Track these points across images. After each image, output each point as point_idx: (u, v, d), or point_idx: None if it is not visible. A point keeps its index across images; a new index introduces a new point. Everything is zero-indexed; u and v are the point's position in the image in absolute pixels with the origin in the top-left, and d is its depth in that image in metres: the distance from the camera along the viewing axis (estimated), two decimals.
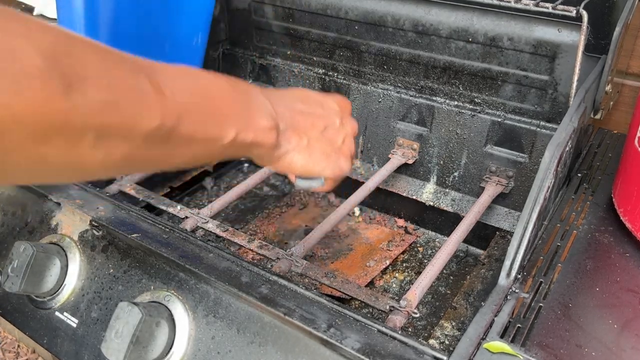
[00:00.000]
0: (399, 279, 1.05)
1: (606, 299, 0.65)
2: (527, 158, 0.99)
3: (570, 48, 0.90)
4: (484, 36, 0.96)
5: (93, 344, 0.70)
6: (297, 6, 1.15)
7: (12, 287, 0.70)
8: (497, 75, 0.98)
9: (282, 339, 0.59)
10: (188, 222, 0.87)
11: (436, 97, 1.07)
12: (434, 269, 0.79)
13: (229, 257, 0.67)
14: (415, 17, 1.02)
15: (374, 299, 0.73)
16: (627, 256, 0.73)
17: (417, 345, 0.55)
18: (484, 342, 0.56)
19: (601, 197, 0.84)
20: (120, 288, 0.70)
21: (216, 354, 0.62)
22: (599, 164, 0.93)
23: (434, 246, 1.14)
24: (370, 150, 1.17)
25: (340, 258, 1.09)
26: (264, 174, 1.06)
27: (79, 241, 0.75)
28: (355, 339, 0.56)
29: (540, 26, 0.91)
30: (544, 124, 0.97)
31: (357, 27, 1.10)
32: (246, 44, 1.29)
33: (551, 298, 0.64)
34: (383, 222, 1.19)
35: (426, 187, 1.12)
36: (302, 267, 0.78)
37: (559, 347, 0.58)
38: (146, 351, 0.62)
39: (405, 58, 1.07)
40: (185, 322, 0.64)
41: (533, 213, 0.67)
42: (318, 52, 1.18)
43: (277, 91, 0.58)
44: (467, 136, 1.04)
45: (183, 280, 0.66)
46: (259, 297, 0.61)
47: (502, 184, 1.01)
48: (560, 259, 0.71)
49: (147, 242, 0.68)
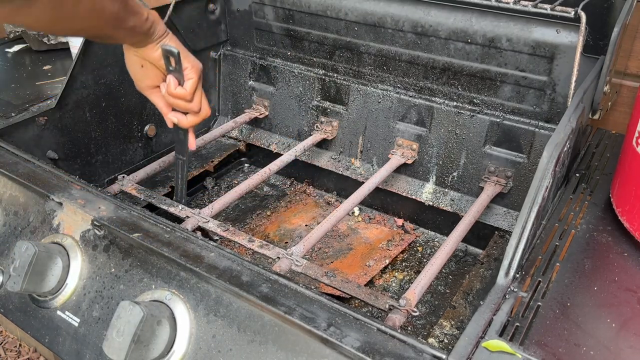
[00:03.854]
0: (398, 278, 1.06)
1: (604, 298, 0.65)
2: (526, 158, 1.00)
3: (569, 49, 0.90)
4: (482, 37, 0.97)
5: (94, 343, 0.70)
6: (297, 7, 1.15)
7: (14, 287, 0.70)
8: (495, 76, 0.99)
9: (283, 337, 0.59)
10: (189, 222, 0.88)
11: (435, 97, 1.07)
12: (433, 268, 0.80)
13: (229, 256, 0.67)
14: (414, 18, 1.02)
15: (374, 298, 0.73)
16: (625, 256, 0.73)
17: (417, 343, 0.56)
18: (482, 341, 0.57)
19: (599, 197, 0.84)
20: (121, 287, 0.70)
21: (217, 352, 0.62)
22: (598, 164, 0.93)
23: (433, 245, 1.14)
24: (369, 151, 1.18)
25: (340, 257, 1.09)
26: (264, 174, 1.06)
27: (81, 241, 0.75)
28: (355, 337, 0.56)
29: (539, 27, 0.92)
30: (542, 125, 0.98)
31: (356, 28, 1.10)
32: (247, 45, 1.29)
33: (549, 297, 0.64)
34: (382, 221, 1.20)
35: (425, 187, 1.12)
36: (302, 266, 0.78)
37: (558, 345, 0.58)
38: (147, 350, 0.62)
39: (405, 59, 1.07)
40: (186, 321, 0.65)
41: (531, 213, 0.67)
42: (318, 53, 1.19)
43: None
44: (466, 136, 1.04)
45: (184, 279, 0.67)
46: (259, 296, 0.61)
47: (500, 184, 1.02)
48: (558, 258, 0.71)
49: (149, 242, 0.69)
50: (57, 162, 1.01)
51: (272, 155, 1.24)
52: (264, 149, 1.30)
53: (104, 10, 0.66)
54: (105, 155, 1.11)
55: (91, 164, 1.09)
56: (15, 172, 0.82)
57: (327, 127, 1.20)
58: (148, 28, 0.76)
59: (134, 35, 0.76)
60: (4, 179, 0.84)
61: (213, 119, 1.37)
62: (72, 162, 1.05)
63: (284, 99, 1.26)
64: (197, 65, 0.82)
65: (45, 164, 0.84)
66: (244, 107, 1.32)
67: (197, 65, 0.82)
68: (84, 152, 1.07)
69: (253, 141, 1.33)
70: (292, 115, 1.26)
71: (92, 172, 1.10)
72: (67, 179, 0.81)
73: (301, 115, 1.25)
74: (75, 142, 1.05)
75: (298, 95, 1.23)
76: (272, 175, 1.09)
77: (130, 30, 0.73)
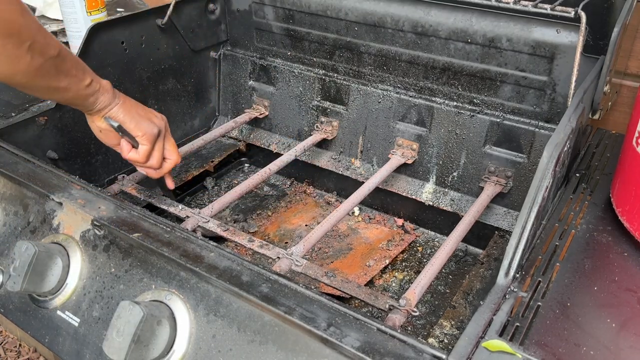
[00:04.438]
0: (398, 278, 1.06)
1: (604, 298, 0.65)
2: (526, 158, 0.99)
3: (569, 49, 0.90)
4: (482, 37, 0.97)
5: (94, 343, 0.70)
6: (297, 7, 1.15)
7: (14, 287, 0.70)
8: (496, 76, 0.99)
9: (283, 337, 0.59)
10: (189, 222, 0.88)
11: (435, 97, 1.07)
12: (433, 268, 0.80)
13: (229, 256, 0.67)
14: (414, 18, 1.02)
15: (374, 298, 0.73)
16: (625, 256, 0.73)
17: (416, 343, 0.56)
18: (482, 341, 0.57)
19: (599, 197, 0.84)
20: (121, 287, 0.70)
21: (217, 352, 0.62)
22: (598, 164, 0.93)
23: (433, 245, 1.14)
24: (369, 151, 1.18)
25: (340, 257, 1.09)
26: (264, 174, 1.06)
27: (81, 241, 0.75)
28: (355, 337, 0.56)
29: (539, 27, 0.92)
30: (542, 125, 0.98)
31: (356, 28, 1.10)
32: (247, 45, 1.29)
33: (550, 297, 0.64)
34: (382, 221, 1.20)
35: (425, 187, 1.12)
36: (302, 266, 0.78)
37: (558, 345, 0.58)
38: (147, 350, 0.62)
39: (405, 59, 1.07)
40: (186, 320, 0.65)
41: (531, 213, 0.67)
42: (318, 53, 1.19)
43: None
44: (466, 136, 1.04)
45: (184, 279, 0.67)
46: (259, 296, 0.61)
47: (500, 184, 1.02)
48: (558, 258, 0.71)
49: (149, 242, 0.69)
50: (57, 162, 1.01)
51: (272, 155, 1.24)
52: (264, 149, 1.30)
53: (20, 59, 0.67)
54: (105, 155, 1.11)
55: (91, 164, 1.09)
56: (16, 172, 0.82)
57: (327, 127, 1.20)
58: (87, 95, 0.79)
59: (73, 98, 0.79)
60: (4, 179, 0.84)
61: (213, 119, 1.37)
62: (72, 162, 1.05)
63: (284, 99, 1.26)
64: (149, 132, 0.85)
65: (45, 164, 0.84)
66: (244, 107, 1.32)
67: (149, 132, 0.85)
68: (84, 152, 1.07)
69: (253, 141, 1.33)
70: (292, 115, 1.26)
71: (92, 172, 1.10)
72: (67, 178, 0.81)
73: (301, 115, 1.25)
74: (75, 142, 1.05)
75: (298, 95, 1.23)
76: (272, 175, 1.09)
77: (64, 90, 0.76)
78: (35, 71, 0.70)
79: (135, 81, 1.14)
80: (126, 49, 1.10)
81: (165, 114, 1.23)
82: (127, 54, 1.10)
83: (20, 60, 0.67)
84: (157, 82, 1.19)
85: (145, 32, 1.13)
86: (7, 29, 0.64)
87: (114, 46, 1.08)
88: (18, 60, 0.67)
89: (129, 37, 1.10)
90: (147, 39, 1.13)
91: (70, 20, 1.29)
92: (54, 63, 0.71)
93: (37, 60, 0.68)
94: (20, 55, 0.66)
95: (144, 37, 1.13)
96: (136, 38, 1.11)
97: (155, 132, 0.86)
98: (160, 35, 1.16)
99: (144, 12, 1.12)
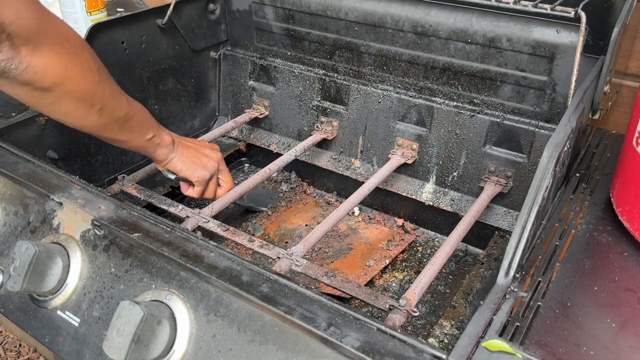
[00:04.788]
0: (398, 278, 1.06)
1: (604, 298, 0.65)
2: (526, 158, 1.00)
3: (569, 49, 0.90)
4: (483, 37, 0.97)
5: (95, 343, 0.70)
6: (297, 7, 1.15)
7: (14, 286, 0.70)
8: (496, 75, 0.99)
9: (283, 337, 0.59)
10: (189, 222, 0.88)
11: (435, 97, 1.07)
12: (433, 268, 0.80)
13: (229, 256, 0.67)
14: (414, 18, 1.02)
15: (374, 298, 0.73)
16: (625, 256, 0.73)
17: (417, 343, 0.56)
18: (482, 341, 0.57)
19: (599, 197, 0.84)
20: (121, 287, 0.70)
21: (217, 352, 0.62)
22: (598, 164, 0.93)
23: (433, 245, 1.14)
24: (369, 151, 1.18)
25: (340, 257, 1.09)
26: (264, 174, 1.06)
27: (81, 240, 0.75)
28: (355, 337, 0.56)
29: (539, 27, 0.92)
30: (542, 124, 0.98)
31: (356, 28, 1.10)
32: (247, 45, 1.29)
33: (550, 297, 0.64)
34: (383, 221, 1.20)
35: (425, 187, 1.12)
36: (302, 266, 0.78)
37: (558, 345, 0.58)
38: (147, 350, 0.62)
39: (405, 59, 1.07)
40: (186, 320, 0.65)
41: (531, 212, 0.67)
42: (318, 53, 1.19)
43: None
44: (466, 136, 1.04)
45: (184, 279, 0.67)
46: (259, 296, 0.61)
47: (500, 184, 1.02)
48: (558, 258, 0.71)
49: (149, 242, 0.69)
50: (57, 162, 1.01)
51: (272, 155, 1.24)
52: (264, 149, 1.30)
53: (88, 117, 0.80)
54: (105, 155, 1.11)
55: (91, 164, 1.09)
56: (16, 171, 0.82)
57: (327, 127, 1.20)
58: (146, 147, 0.91)
59: (134, 148, 0.91)
60: (4, 179, 0.84)
61: (213, 119, 1.37)
62: (72, 162, 1.05)
63: (284, 99, 1.26)
64: (202, 178, 0.98)
65: (46, 164, 0.84)
66: (244, 107, 1.32)
67: (202, 178, 0.98)
68: (84, 152, 1.07)
69: (253, 141, 1.33)
70: (292, 115, 1.26)
71: (92, 172, 1.10)
72: (67, 178, 0.81)
73: (301, 115, 1.25)
74: (75, 142, 1.05)
75: (298, 95, 1.23)
76: (272, 175, 1.09)
77: (125, 142, 0.88)
78: (101, 127, 0.82)
79: (135, 81, 1.14)
80: (126, 49, 1.10)
81: (165, 114, 1.23)
82: (127, 54, 1.10)
83: (88, 118, 0.80)
84: (157, 82, 1.19)
85: (145, 32, 1.13)
86: (81, 95, 0.76)
87: (114, 46, 1.08)
88: (86, 119, 0.80)
89: (129, 37, 1.10)
90: (147, 39, 1.13)
91: (70, 20, 1.30)
92: (118, 122, 0.84)
93: (103, 119, 0.81)
94: (89, 115, 0.79)
95: (144, 37, 1.13)
96: (136, 38, 1.11)
97: (207, 177, 0.99)
98: (160, 35, 1.16)
99: (144, 12, 1.12)
